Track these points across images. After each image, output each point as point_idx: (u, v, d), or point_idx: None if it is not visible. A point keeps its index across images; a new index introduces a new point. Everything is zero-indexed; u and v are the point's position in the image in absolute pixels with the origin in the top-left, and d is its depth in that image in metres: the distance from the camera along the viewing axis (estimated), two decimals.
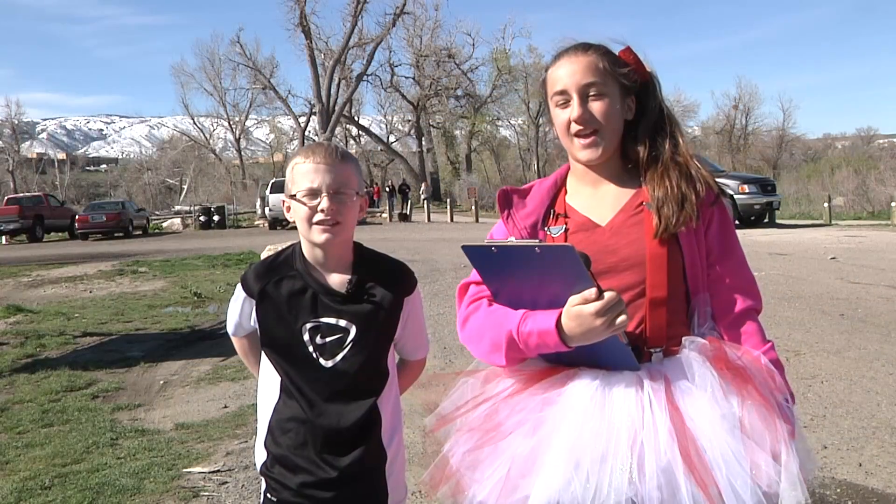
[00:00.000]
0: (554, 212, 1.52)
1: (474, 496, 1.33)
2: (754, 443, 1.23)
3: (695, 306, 1.42)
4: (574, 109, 1.43)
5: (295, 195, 1.55)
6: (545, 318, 1.31)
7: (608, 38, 1.50)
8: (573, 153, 1.49)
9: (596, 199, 1.50)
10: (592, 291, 1.25)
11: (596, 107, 1.43)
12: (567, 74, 1.44)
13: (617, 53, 1.48)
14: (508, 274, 1.33)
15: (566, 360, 1.38)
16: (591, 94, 1.43)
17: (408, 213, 31.13)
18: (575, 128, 1.44)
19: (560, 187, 1.56)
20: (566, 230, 1.47)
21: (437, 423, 1.48)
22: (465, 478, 1.36)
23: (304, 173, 1.54)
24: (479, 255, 1.33)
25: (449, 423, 1.45)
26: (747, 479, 1.20)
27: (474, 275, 1.49)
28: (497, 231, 1.57)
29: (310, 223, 1.53)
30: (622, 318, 1.25)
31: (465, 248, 1.31)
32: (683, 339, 1.36)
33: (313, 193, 1.53)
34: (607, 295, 1.24)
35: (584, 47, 1.47)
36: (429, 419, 1.51)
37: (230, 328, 1.71)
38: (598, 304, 1.24)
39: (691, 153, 1.47)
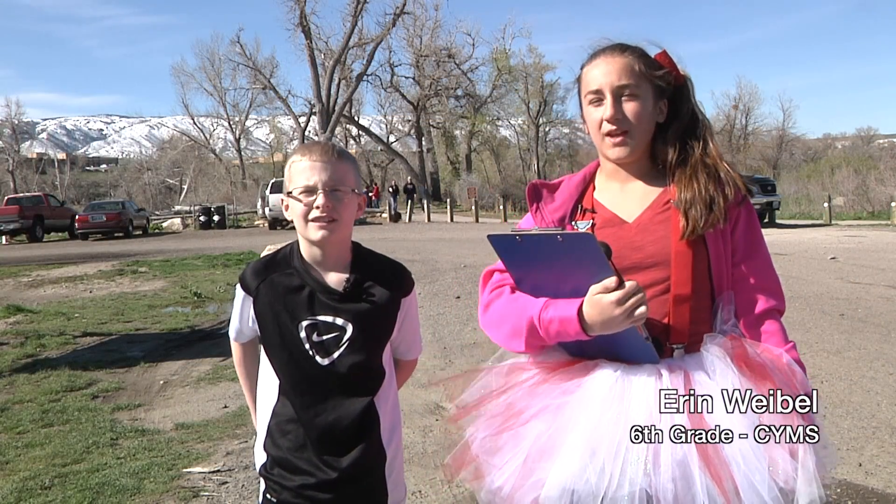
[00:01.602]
0: (581, 207, 1.53)
1: (493, 482, 1.35)
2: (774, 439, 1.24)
3: (719, 304, 1.43)
4: (607, 109, 1.45)
5: (291, 192, 1.56)
6: (567, 305, 1.33)
7: (645, 39, 1.51)
8: (603, 151, 1.50)
9: (623, 196, 1.51)
10: (613, 280, 1.27)
11: (629, 108, 1.44)
12: (602, 74, 1.46)
13: (653, 56, 1.49)
14: (532, 263, 1.35)
15: (588, 352, 1.40)
16: (625, 95, 1.44)
17: (403, 212, 31.01)
18: (607, 127, 1.46)
19: (589, 183, 1.57)
20: (593, 225, 1.49)
21: (459, 413, 1.50)
22: (484, 463, 1.38)
23: (301, 171, 1.55)
24: (504, 245, 1.34)
25: (471, 412, 1.46)
26: (765, 475, 1.21)
27: (499, 262, 1.51)
28: (525, 224, 1.59)
29: (306, 220, 1.54)
30: (641, 309, 1.27)
31: (490, 237, 1.34)
32: (705, 336, 1.37)
33: (310, 191, 1.53)
34: (627, 284, 1.26)
35: (621, 48, 1.48)
36: (450, 408, 1.53)
37: (232, 332, 1.71)
38: (618, 294, 1.26)
39: (721, 155, 1.48)
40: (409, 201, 33.07)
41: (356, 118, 51.36)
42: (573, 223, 1.51)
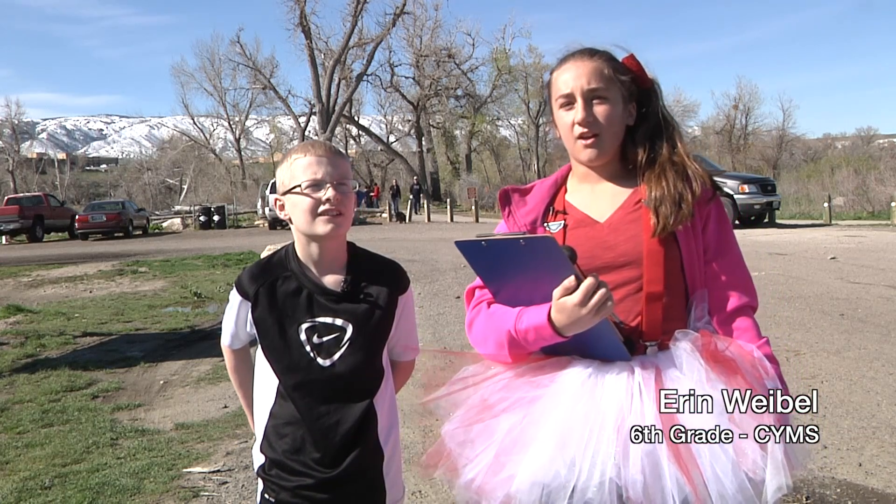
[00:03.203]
0: (553, 209, 1.55)
1: (465, 474, 1.36)
2: (741, 430, 1.25)
3: (692, 302, 1.44)
4: (578, 112, 1.47)
5: (293, 189, 1.55)
6: (537, 313, 1.35)
7: (613, 44, 1.54)
8: (575, 154, 1.52)
9: (595, 197, 1.53)
10: (571, 280, 1.28)
11: (599, 111, 1.47)
12: (572, 78, 1.48)
13: (621, 60, 1.51)
14: (501, 269, 1.36)
15: (561, 351, 1.41)
16: (595, 98, 1.47)
17: (404, 212, 30.99)
18: (578, 130, 1.48)
19: (560, 186, 1.60)
20: (565, 226, 1.51)
21: (430, 396, 1.52)
22: (457, 455, 1.39)
23: (306, 166, 1.54)
24: (471, 250, 1.35)
25: (442, 397, 1.48)
26: (728, 465, 1.22)
27: (478, 279, 1.52)
28: (500, 229, 1.60)
29: (314, 215, 1.53)
30: (607, 304, 1.28)
31: (457, 243, 1.35)
32: (676, 332, 1.39)
33: (317, 185, 1.53)
34: (585, 282, 1.27)
35: (590, 52, 1.50)
36: (427, 397, 1.55)
37: (226, 339, 1.70)
38: (579, 294, 1.27)
39: (689, 153, 1.50)
40: (416, 201, 32.94)
41: (356, 118, 51.31)
42: (545, 225, 1.53)
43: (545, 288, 1.31)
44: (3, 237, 27.20)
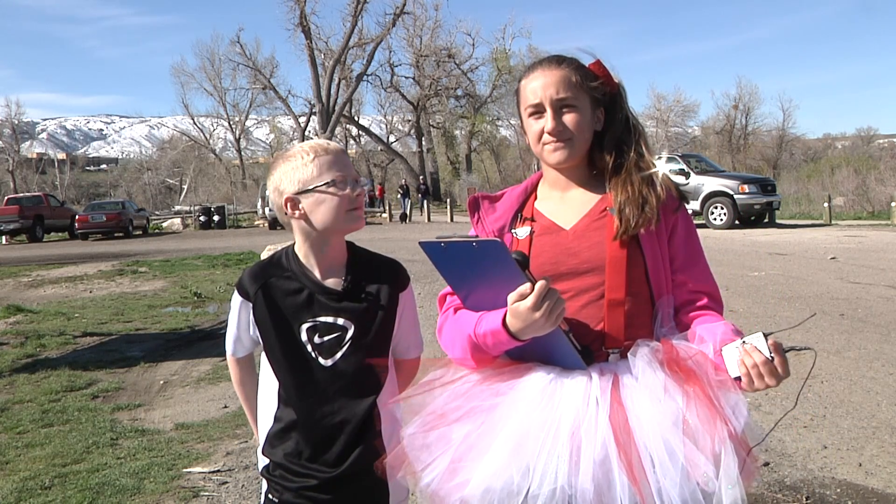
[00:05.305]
0: (522, 216, 1.57)
1: (423, 480, 1.37)
2: (695, 441, 1.24)
3: (658, 308, 1.45)
4: (548, 122, 1.49)
5: (318, 187, 1.54)
6: (494, 317, 1.36)
7: (579, 48, 1.55)
8: (544, 158, 1.54)
9: (563, 204, 1.55)
10: (527, 286, 1.28)
11: (568, 119, 1.49)
12: (541, 87, 1.49)
13: (587, 65, 1.52)
14: (462, 271, 1.37)
15: (526, 356, 1.42)
16: (564, 107, 1.49)
17: (408, 213, 31.02)
18: (548, 139, 1.50)
19: (530, 193, 1.62)
20: (532, 233, 1.53)
21: (394, 398, 1.54)
22: (417, 462, 1.39)
23: (332, 164, 1.55)
24: (434, 252, 1.36)
25: (404, 400, 1.49)
26: (677, 477, 1.22)
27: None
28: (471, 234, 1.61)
29: (345, 210, 1.55)
30: (559, 307, 1.29)
31: (421, 243, 1.36)
32: (637, 341, 1.39)
33: (347, 181, 1.56)
34: (537, 286, 1.27)
35: (558, 60, 1.52)
36: (391, 400, 1.57)
37: (229, 347, 1.69)
38: (531, 299, 1.27)
39: (655, 161, 1.53)
40: (424, 201, 32.92)
41: (356, 118, 51.30)
42: (513, 231, 1.55)
43: (503, 293, 1.32)
44: (3, 237, 27.20)
